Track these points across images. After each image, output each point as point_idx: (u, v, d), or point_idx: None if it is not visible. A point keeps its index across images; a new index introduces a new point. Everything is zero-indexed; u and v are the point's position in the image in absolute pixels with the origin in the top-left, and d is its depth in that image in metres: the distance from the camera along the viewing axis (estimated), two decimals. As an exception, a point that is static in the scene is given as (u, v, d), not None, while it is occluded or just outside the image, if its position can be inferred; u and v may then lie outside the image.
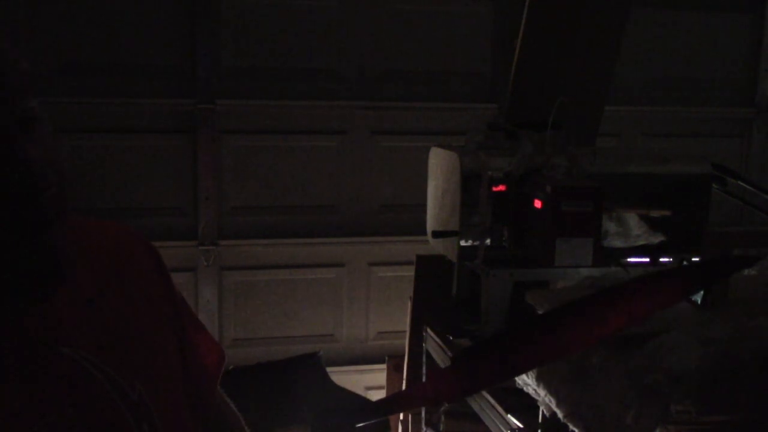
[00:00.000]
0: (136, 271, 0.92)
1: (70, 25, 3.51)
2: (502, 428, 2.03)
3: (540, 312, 1.95)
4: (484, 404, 2.15)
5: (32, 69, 0.75)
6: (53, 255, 0.74)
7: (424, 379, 2.77)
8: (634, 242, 2.42)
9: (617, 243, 2.41)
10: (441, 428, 2.59)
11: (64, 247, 0.76)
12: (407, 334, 3.12)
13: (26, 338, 0.76)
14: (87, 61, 3.56)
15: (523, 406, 1.95)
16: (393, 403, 1.35)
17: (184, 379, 0.92)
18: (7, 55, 0.72)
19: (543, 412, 1.82)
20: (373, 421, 1.08)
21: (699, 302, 2.02)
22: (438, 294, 2.81)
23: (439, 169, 2.47)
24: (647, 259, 2.43)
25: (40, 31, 3.45)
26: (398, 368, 3.41)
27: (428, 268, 2.96)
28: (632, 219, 2.41)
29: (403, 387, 3.23)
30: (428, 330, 2.63)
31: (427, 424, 2.68)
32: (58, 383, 0.76)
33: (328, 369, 3.57)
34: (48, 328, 0.78)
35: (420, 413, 2.78)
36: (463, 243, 2.28)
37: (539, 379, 1.78)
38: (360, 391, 3.73)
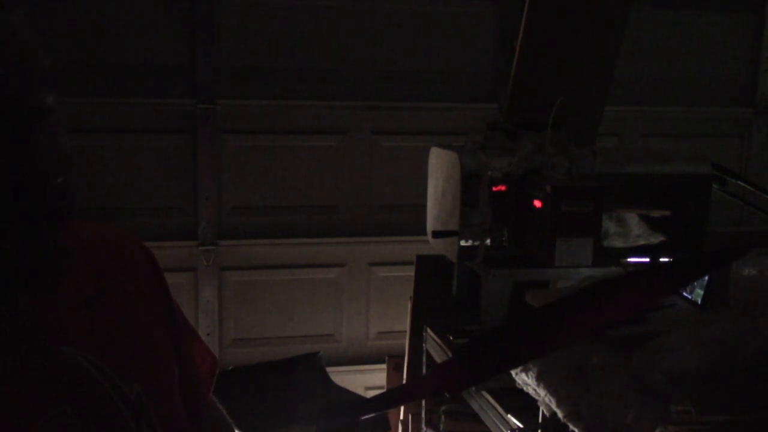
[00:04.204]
0: (134, 274, 0.93)
1: (70, 26, 3.50)
2: (502, 428, 2.03)
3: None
4: (484, 404, 2.15)
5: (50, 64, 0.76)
6: (55, 248, 0.74)
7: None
8: (634, 242, 2.42)
9: (617, 243, 2.41)
10: (441, 428, 2.59)
11: (65, 241, 0.76)
12: (407, 334, 3.12)
13: (26, 337, 0.76)
14: (87, 61, 3.56)
15: (523, 406, 1.95)
16: (396, 396, 1.35)
17: (179, 384, 0.92)
18: (27, 48, 0.73)
19: (543, 412, 1.82)
20: (376, 414, 1.09)
21: (699, 302, 2.02)
22: (438, 294, 2.81)
23: (439, 169, 2.47)
24: (647, 259, 2.44)
25: (40, 31, 3.43)
26: (398, 368, 3.41)
27: (428, 268, 2.96)
28: (632, 219, 2.41)
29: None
30: (428, 330, 2.62)
31: (427, 425, 2.68)
32: (57, 382, 0.76)
33: (328, 369, 3.57)
34: (48, 327, 0.78)
35: (420, 413, 2.78)
36: (463, 243, 2.28)
37: (539, 379, 1.78)
38: (360, 391, 3.73)
